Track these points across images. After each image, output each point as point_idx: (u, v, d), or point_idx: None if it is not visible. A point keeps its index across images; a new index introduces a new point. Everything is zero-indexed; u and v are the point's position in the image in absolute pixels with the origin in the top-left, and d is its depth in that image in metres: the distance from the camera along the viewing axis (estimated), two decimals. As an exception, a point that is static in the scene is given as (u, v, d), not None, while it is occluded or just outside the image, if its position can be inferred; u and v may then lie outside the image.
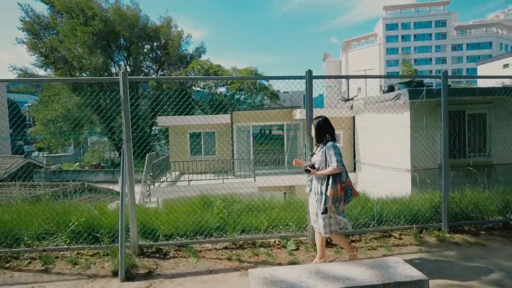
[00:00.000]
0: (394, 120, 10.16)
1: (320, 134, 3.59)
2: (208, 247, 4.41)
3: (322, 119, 3.62)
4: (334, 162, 3.35)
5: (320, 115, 3.70)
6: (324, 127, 3.58)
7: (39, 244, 4.19)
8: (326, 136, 3.53)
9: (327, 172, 3.38)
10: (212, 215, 4.79)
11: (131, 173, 4.09)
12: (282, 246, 4.42)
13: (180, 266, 3.88)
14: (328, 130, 3.57)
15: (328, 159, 3.42)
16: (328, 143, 3.48)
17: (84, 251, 4.18)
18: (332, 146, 3.44)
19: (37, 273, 3.72)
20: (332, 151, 3.41)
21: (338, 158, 3.36)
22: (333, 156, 3.38)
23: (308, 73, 4.37)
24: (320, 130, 3.59)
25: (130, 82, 4.08)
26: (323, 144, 3.53)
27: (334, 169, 3.34)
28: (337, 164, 3.34)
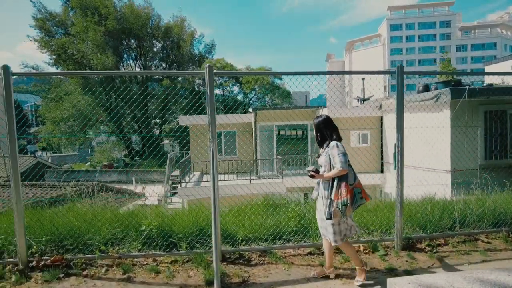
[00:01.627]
0: (432, 120, 9.89)
1: (321, 134, 3.30)
2: (291, 252, 4.12)
3: (322, 119, 3.32)
4: (337, 163, 3.05)
5: (321, 115, 3.40)
6: (324, 127, 3.28)
7: (112, 250, 3.89)
8: (329, 136, 3.25)
9: (332, 175, 3.07)
10: (287, 218, 4.51)
11: (216, 173, 3.79)
12: (370, 251, 4.15)
13: (272, 274, 3.59)
14: (329, 130, 3.27)
15: (332, 160, 3.13)
16: (331, 143, 3.19)
17: (161, 258, 3.89)
18: (335, 146, 3.14)
19: (120, 282, 3.42)
20: (335, 151, 3.11)
21: (342, 159, 3.05)
22: (337, 156, 3.08)
23: (400, 68, 4.13)
24: (320, 130, 3.31)
25: (212, 77, 3.79)
26: (326, 144, 3.25)
27: (338, 171, 3.03)
28: (341, 165, 3.02)
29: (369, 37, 74.72)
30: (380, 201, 5.43)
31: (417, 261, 3.90)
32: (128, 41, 29.27)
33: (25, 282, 3.39)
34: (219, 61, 29.52)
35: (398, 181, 4.14)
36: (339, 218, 3.12)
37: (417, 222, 4.58)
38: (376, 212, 4.94)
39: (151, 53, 30.50)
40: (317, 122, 3.33)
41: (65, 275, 3.51)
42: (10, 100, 3.51)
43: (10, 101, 3.51)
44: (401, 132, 4.15)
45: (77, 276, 3.51)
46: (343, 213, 3.06)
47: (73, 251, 3.82)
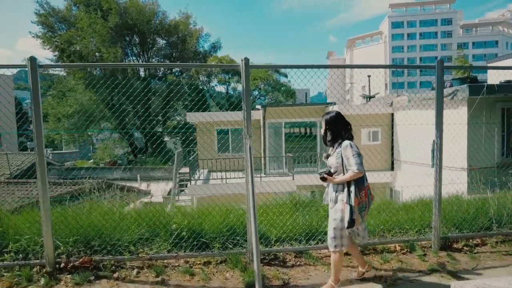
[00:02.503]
0: (448, 117, 9.74)
1: (332, 132, 2.99)
2: (326, 253, 3.97)
3: (333, 114, 3.01)
4: (353, 165, 2.79)
5: (332, 110, 3.09)
6: (336, 124, 2.98)
7: (142, 251, 3.72)
8: (342, 134, 2.97)
9: (348, 178, 2.81)
10: (317, 218, 4.36)
11: (252, 170, 3.62)
12: (408, 251, 4.00)
13: (313, 276, 3.44)
14: (342, 127, 2.98)
15: (345, 161, 2.86)
16: (344, 142, 2.91)
17: (193, 259, 3.72)
18: (349, 146, 2.87)
19: (154, 285, 3.25)
20: (349, 151, 2.84)
21: (358, 160, 2.80)
22: (352, 158, 2.81)
23: (440, 63, 4.00)
24: (331, 127, 2.99)
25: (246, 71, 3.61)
26: (338, 144, 2.95)
27: (355, 174, 2.79)
28: (358, 167, 2.77)
29: (370, 34, 74.48)
30: (411, 200, 5.28)
31: (459, 262, 3.76)
32: (131, 37, 29.01)
33: (55, 285, 3.23)
34: (224, 58, 29.31)
35: (436, 179, 4.00)
36: (359, 224, 2.93)
37: (452, 221, 4.43)
38: (408, 211, 4.81)
39: (155, 49, 30.25)
40: (329, 118, 3.00)
41: (96, 277, 3.35)
42: (37, 93, 3.33)
43: (37, 94, 3.33)
44: (439, 129, 3.99)
45: (108, 279, 3.34)
46: (362, 218, 2.92)
47: (101, 252, 3.65)
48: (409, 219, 4.48)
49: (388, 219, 4.44)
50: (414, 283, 3.30)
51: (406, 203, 5.39)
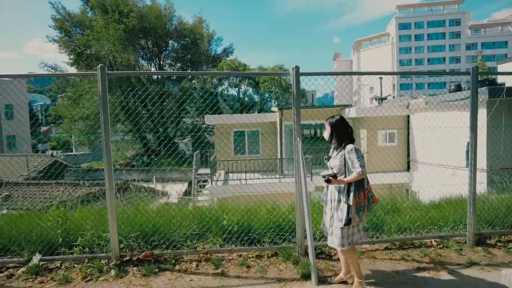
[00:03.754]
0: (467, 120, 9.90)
1: (337, 135, 3.13)
2: (368, 247, 4.21)
3: (338, 118, 3.16)
4: (358, 167, 2.92)
5: (336, 114, 3.25)
6: (341, 128, 3.13)
7: (199, 246, 4.00)
8: (346, 138, 3.11)
9: (351, 179, 2.95)
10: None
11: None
12: (444, 246, 4.22)
13: (361, 268, 3.68)
14: (346, 131, 3.13)
15: (350, 164, 3.00)
16: (348, 146, 3.05)
17: (245, 253, 3.99)
18: (353, 150, 3.01)
19: (216, 276, 3.51)
20: (354, 155, 2.98)
21: (362, 163, 2.95)
22: (356, 160, 2.95)
23: (475, 69, 4.25)
24: (337, 130, 3.13)
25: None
26: (342, 147, 3.10)
27: (359, 175, 2.93)
28: (362, 169, 2.92)
29: (378, 36, 74.49)
30: (443, 199, 5.49)
31: (495, 256, 3.97)
32: (146, 40, 29.46)
33: (124, 276, 3.50)
34: (233, 61, 29.67)
35: (471, 178, 4.22)
36: (357, 224, 3.05)
37: (484, 218, 4.65)
38: (437, 209, 5.02)
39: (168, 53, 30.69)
40: (334, 122, 3.15)
41: (159, 270, 3.62)
42: (105, 99, 3.62)
43: (105, 100, 3.62)
44: (474, 131, 4.22)
45: (171, 271, 3.61)
46: (360, 219, 3.02)
47: (161, 246, 3.93)
48: (442, 217, 4.70)
49: (421, 216, 4.66)
50: (456, 275, 3.52)
51: (433, 202, 5.61)
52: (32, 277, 3.52)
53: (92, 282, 3.42)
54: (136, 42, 29.42)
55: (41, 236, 3.93)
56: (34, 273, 3.56)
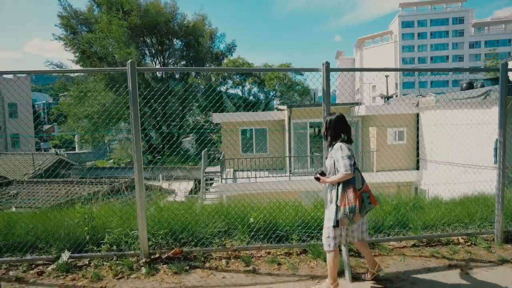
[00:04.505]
0: (479, 117, 9.87)
1: (331, 133, 3.03)
2: (395, 245, 4.19)
3: (335, 116, 3.03)
4: (341, 167, 2.80)
5: (334, 112, 3.13)
6: (335, 126, 3.00)
7: (228, 243, 3.99)
8: (339, 136, 2.98)
9: (338, 179, 2.83)
10: (382, 212, 4.58)
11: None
12: (472, 244, 4.20)
13: (391, 265, 3.67)
14: (340, 129, 3.00)
15: (336, 163, 2.88)
16: (336, 144, 2.93)
17: (273, 250, 3.97)
18: (339, 148, 2.88)
19: (247, 273, 3.49)
20: (339, 153, 2.85)
21: (346, 162, 2.79)
22: (341, 159, 2.82)
23: (504, 65, 4.20)
24: (330, 128, 3.03)
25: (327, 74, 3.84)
26: (332, 145, 3.00)
27: (344, 175, 2.78)
28: (345, 169, 2.77)
29: (380, 34, 74.26)
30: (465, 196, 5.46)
31: (526, 254, 3.95)
32: (150, 38, 29.44)
33: (156, 273, 3.48)
34: (237, 60, 29.64)
35: (500, 175, 4.19)
36: (347, 225, 2.89)
37: (510, 215, 4.62)
38: (463, 205, 4.99)
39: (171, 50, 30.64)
40: (329, 120, 3.06)
41: (190, 267, 3.60)
42: (135, 95, 3.59)
43: (135, 96, 3.59)
44: (503, 129, 4.19)
45: (201, 269, 3.59)
46: (350, 220, 2.83)
47: (189, 244, 3.91)
48: (467, 214, 4.67)
49: (447, 213, 4.64)
50: (488, 273, 3.50)
51: (454, 199, 5.59)
52: (63, 274, 3.50)
53: (124, 279, 3.40)
54: (139, 39, 29.40)
55: (69, 233, 3.92)
56: (65, 270, 3.54)
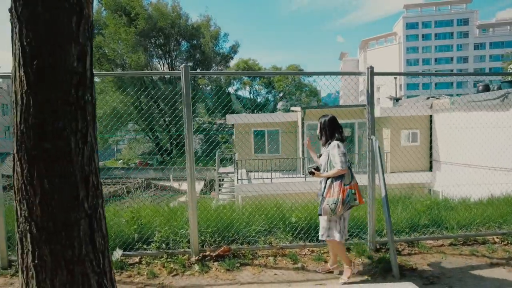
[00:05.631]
0: (497, 119, 9.98)
1: (325, 133, 3.34)
2: (432, 243, 4.32)
3: (328, 118, 3.35)
4: (338, 163, 3.11)
5: (327, 114, 3.44)
6: (329, 126, 3.31)
7: (272, 241, 4.12)
8: (331, 135, 3.30)
9: (332, 174, 3.16)
10: (415, 211, 4.72)
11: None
12: (509, 243, 4.32)
13: (433, 262, 3.78)
14: (333, 129, 3.31)
15: (332, 160, 3.19)
16: (332, 142, 3.24)
17: (317, 249, 4.10)
18: (336, 146, 3.19)
19: (298, 271, 3.62)
20: (336, 151, 3.16)
21: (342, 159, 3.12)
22: (337, 156, 3.13)
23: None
24: (324, 128, 3.34)
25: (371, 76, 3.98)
26: (328, 144, 3.30)
27: (338, 171, 3.11)
28: (341, 165, 3.10)
29: (385, 35, 74.43)
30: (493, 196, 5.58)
31: (562, 253, 4.06)
32: (155, 40, 29.74)
33: (208, 271, 3.61)
34: (246, 62, 29.88)
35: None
36: (329, 215, 3.19)
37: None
38: (494, 206, 5.11)
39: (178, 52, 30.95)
40: (323, 121, 3.36)
41: (240, 264, 3.73)
42: (189, 97, 3.74)
43: (188, 98, 3.74)
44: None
45: (251, 266, 3.72)
46: (333, 211, 3.11)
47: (236, 242, 4.05)
48: (499, 214, 4.79)
49: (480, 214, 4.76)
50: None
51: (481, 200, 5.71)
52: (118, 271, 3.64)
53: (179, 276, 3.53)
54: (146, 42, 29.68)
55: (119, 232, 4.06)
56: (119, 267, 3.67)
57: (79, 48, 1.58)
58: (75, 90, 1.56)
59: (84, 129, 1.58)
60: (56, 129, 1.50)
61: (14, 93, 1.55)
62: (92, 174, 1.61)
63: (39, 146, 1.48)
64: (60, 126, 1.51)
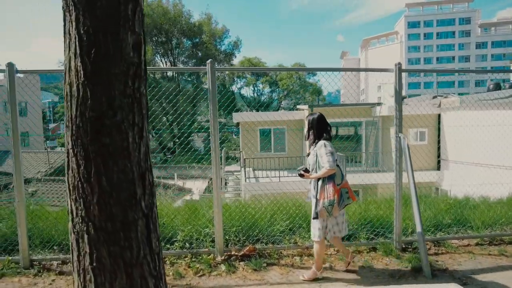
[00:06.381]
0: (509, 118, 9.89)
1: (313, 132, 3.22)
2: (458, 243, 4.25)
3: (316, 116, 3.24)
4: (325, 162, 3.01)
5: (315, 112, 3.33)
6: (317, 125, 3.20)
7: (297, 240, 4.05)
8: (319, 135, 3.19)
9: (321, 175, 3.05)
10: (438, 210, 4.65)
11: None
12: (534, 243, 4.26)
13: (463, 262, 3.72)
14: (321, 128, 3.20)
15: (319, 159, 3.09)
16: (319, 142, 3.14)
17: (342, 248, 4.03)
18: (323, 145, 3.09)
19: (326, 270, 3.54)
20: (323, 150, 3.06)
21: (330, 158, 3.01)
22: (325, 156, 3.03)
23: None
24: (312, 127, 3.22)
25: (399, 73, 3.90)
26: (315, 143, 3.20)
27: (327, 171, 3.00)
28: (329, 164, 2.98)
29: (386, 34, 74.24)
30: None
31: None
32: (156, 38, 29.63)
33: (235, 271, 3.54)
34: (250, 60, 29.77)
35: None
36: (325, 217, 3.10)
37: None
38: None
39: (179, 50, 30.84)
40: (311, 119, 3.24)
41: (267, 264, 3.66)
42: (214, 92, 3.66)
43: (215, 93, 3.66)
44: None
45: (278, 266, 3.65)
46: (329, 213, 3.04)
47: (261, 241, 3.98)
48: None
49: (504, 213, 4.69)
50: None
51: (501, 199, 5.64)
52: (143, 270, 3.56)
53: (206, 277, 3.45)
54: (149, 40, 29.59)
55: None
56: (143, 266, 3.59)
57: (135, 37, 1.50)
58: (131, 82, 1.48)
59: (140, 123, 1.51)
60: (114, 122, 1.42)
61: (69, 85, 1.47)
62: (148, 171, 1.54)
63: (97, 141, 1.40)
64: (118, 120, 1.43)
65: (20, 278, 3.45)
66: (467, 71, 4.99)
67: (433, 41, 68.75)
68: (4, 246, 3.81)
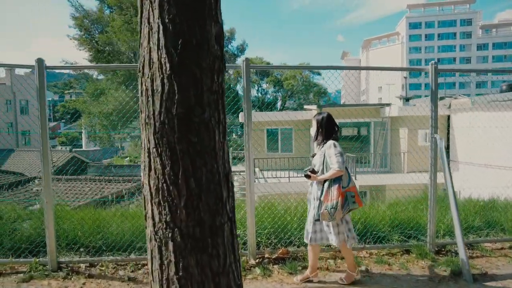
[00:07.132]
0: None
1: (321, 132, 3.12)
2: (491, 246, 4.18)
3: (325, 115, 3.14)
4: (334, 163, 2.90)
5: (323, 112, 3.22)
6: (326, 125, 3.11)
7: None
8: (328, 135, 3.10)
9: (329, 176, 2.93)
10: (467, 212, 4.57)
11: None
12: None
13: (501, 266, 3.66)
14: (330, 128, 3.12)
15: (328, 160, 2.98)
16: (328, 142, 3.04)
17: (375, 251, 3.96)
18: (332, 145, 2.99)
19: (363, 274, 3.47)
20: (332, 150, 2.96)
21: (339, 159, 2.91)
22: (334, 156, 2.93)
23: None
24: (321, 127, 3.12)
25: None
26: (323, 143, 3.10)
27: (336, 172, 2.89)
28: (338, 165, 2.88)
29: (387, 35, 74.29)
30: None
31: None
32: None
33: (271, 274, 3.45)
34: (253, 60, 29.67)
35: None
36: (327, 220, 2.98)
37: None
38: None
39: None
40: (320, 119, 3.15)
41: (301, 267, 3.57)
42: (249, 90, 3.57)
43: (249, 91, 3.57)
44: None
45: (312, 268, 3.56)
46: (331, 216, 2.91)
47: (294, 244, 3.90)
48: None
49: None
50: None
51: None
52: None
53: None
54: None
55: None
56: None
57: (218, 28, 1.40)
58: (217, 77, 1.38)
59: (223, 121, 1.41)
60: (202, 120, 1.33)
61: (149, 79, 1.36)
62: (230, 172, 1.45)
63: (185, 139, 1.31)
64: (206, 117, 1.33)
65: (50, 281, 3.36)
66: (504, 70, 4.90)
67: (435, 42, 68.77)
68: (30, 248, 3.71)
